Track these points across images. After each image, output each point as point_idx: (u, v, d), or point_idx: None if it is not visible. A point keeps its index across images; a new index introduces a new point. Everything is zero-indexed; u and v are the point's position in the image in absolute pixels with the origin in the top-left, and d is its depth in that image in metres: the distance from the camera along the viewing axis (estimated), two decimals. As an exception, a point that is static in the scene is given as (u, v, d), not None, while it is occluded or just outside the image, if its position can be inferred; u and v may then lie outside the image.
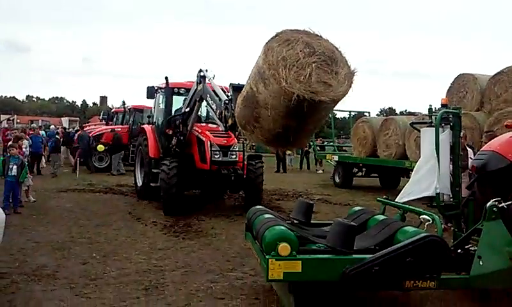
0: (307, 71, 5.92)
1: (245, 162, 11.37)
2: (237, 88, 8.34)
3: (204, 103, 10.99)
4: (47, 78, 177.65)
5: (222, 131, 10.74)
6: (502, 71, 13.01)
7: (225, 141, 11.12)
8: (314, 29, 6.51)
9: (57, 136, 20.58)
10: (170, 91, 12.51)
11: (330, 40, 6.55)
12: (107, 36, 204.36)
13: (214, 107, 9.99)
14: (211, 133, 11.24)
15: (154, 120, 13.39)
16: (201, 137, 11.27)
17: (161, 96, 12.93)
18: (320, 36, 6.47)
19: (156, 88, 13.03)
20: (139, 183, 13.26)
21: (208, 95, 10.27)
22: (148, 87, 12.91)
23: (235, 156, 11.29)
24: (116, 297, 5.40)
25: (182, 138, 11.58)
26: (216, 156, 10.88)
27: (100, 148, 20.06)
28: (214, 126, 11.60)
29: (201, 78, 10.67)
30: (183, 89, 12.43)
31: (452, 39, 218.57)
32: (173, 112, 12.37)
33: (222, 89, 10.00)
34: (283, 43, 6.11)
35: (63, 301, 5.22)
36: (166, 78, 12.37)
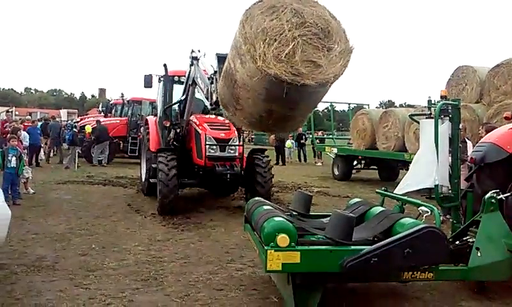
0: (290, 48, 5.20)
1: (244, 157, 10.43)
2: (223, 58, 7.04)
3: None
4: (46, 70, 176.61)
5: (221, 123, 10.21)
6: (502, 63, 12.98)
7: (223, 134, 10.10)
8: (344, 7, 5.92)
9: (74, 129, 20.48)
10: (170, 79, 11.63)
11: (328, 8, 5.75)
12: (105, 26, 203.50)
13: (202, 86, 9.07)
14: (209, 125, 10.27)
15: (157, 111, 12.53)
16: (198, 129, 10.30)
17: (162, 86, 12.04)
18: (316, 2, 5.72)
19: (158, 77, 12.09)
20: (144, 178, 12.26)
21: (198, 76, 9.35)
22: (145, 75, 11.69)
23: (234, 151, 10.14)
24: (115, 288, 5.42)
25: (178, 130, 10.82)
26: (211, 151, 9.88)
27: (88, 128, 21.21)
28: (214, 117, 10.86)
29: (193, 59, 9.76)
30: (184, 77, 11.06)
31: (451, 31, 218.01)
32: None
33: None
34: (266, 10, 5.40)
35: (63, 292, 5.23)
36: (165, 65, 11.50)
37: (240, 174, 9.93)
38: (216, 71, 7.83)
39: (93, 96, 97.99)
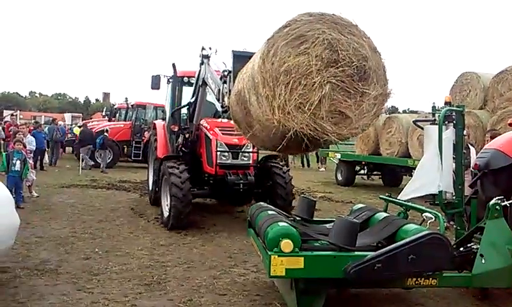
0: (317, 96, 4.44)
1: (258, 165, 9.60)
2: (239, 57, 6.43)
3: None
4: (50, 74, 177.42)
5: (234, 128, 8.97)
6: (506, 69, 12.98)
7: (236, 140, 9.02)
8: (348, 13, 4.93)
9: (106, 134, 20.57)
10: (178, 80, 10.62)
11: (368, 34, 4.83)
12: (109, 31, 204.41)
13: (213, 87, 7.96)
14: (220, 130, 9.28)
15: (166, 115, 11.59)
16: (209, 134, 9.39)
17: (170, 87, 11.07)
18: (356, 27, 4.78)
19: (166, 78, 11.16)
20: (151, 186, 11.46)
21: (209, 76, 8.33)
22: (152, 76, 10.78)
23: (247, 158, 9.19)
24: (118, 292, 5.42)
25: (187, 135, 9.85)
26: (223, 158, 9.00)
27: (76, 130, 22.24)
28: (226, 121, 9.66)
29: (204, 57, 8.83)
30: (194, 78, 9.96)
31: (455, 37, 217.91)
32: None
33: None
34: (293, 40, 4.54)
35: (66, 296, 5.23)
36: (174, 65, 10.58)
37: (255, 183, 9.02)
38: (230, 71, 6.81)
39: (97, 100, 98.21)
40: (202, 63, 8.89)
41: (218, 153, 8.99)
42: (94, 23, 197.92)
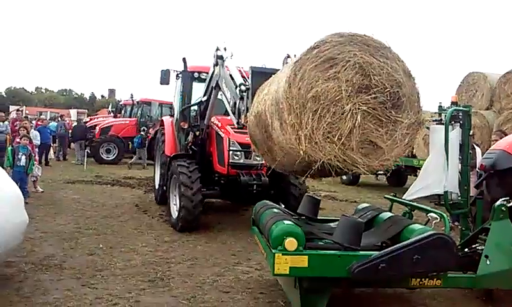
0: (348, 126, 4.14)
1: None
2: (259, 73, 6.26)
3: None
4: (56, 69, 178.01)
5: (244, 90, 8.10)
6: (513, 70, 12.93)
7: (249, 139, 8.74)
8: (380, 32, 4.74)
9: (142, 133, 20.60)
10: (189, 76, 10.17)
11: (402, 57, 4.49)
12: (115, 27, 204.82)
13: (228, 95, 7.65)
14: (233, 128, 8.72)
15: (174, 112, 11.20)
16: (220, 132, 9.03)
17: (180, 83, 10.63)
18: (389, 49, 4.46)
19: (176, 73, 10.74)
20: (157, 184, 11.19)
21: (223, 81, 7.93)
22: (162, 70, 10.35)
23: (260, 158, 8.29)
24: (122, 288, 5.43)
25: (198, 133, 9.52)
26: (235, 157, 8.65)
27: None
28: None
29: (218, 58, 8.33)
30: (205, 74, 9.65)
31: (462, 37, 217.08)
32: (193, 102, 10.15)
33: (242, 73, 7.68)
34: (321, 63, 4.24)
35: (70, 291, 5.25)
36: (184, 59, 10.12)
37: (268, 184, 8.58)
38: (248, 88, 6.50)
39: (102, 96, 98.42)
40: (216, 64, 8.46)
41: (230, 152, 8.64)
42: (100, 19, 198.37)
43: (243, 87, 6.72)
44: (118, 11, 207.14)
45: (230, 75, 7.67)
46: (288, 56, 8.24)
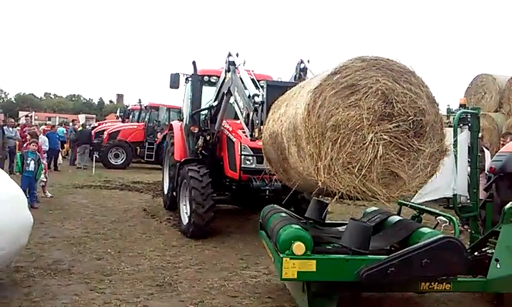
0: (369, 157, 4.02)
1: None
2: (273, 87, 6.14)
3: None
4: (65, 75, 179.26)
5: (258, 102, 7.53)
6: (522, 72, 12.83)
7: (261, 143, 8.66)
8: (404, 57, 4.32)
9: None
10: (199, 79, 9.98)
11: (427, 82, 4.33)
12: (123, 33, 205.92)
13: (240, 104, 7.34)
14: (244, 132, 8.21)
15: (183, 116, 11.00)
16: (232, 137, 8.85)
17: (189, 87, 10.41)
18: (413, 74, 4.29)
19: (186, 77, 10.62)
20: (166, 190, 11.05)
21: (236, 89, 7.62)
22: (171, 74, 10.25)
23: None
24: (130, 293, 5.43)
25: (208, 137, 9.37)
26: (247, 162, 8.42)
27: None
28: None
29: (230, 64, 8.11)
30: (215, 78, 9.54)
31: (471, 38, 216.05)
32: (203, 106, 9.91)
33: (254, 81, 7.43)
34: (342, 90, 4.09)
35: (78, 296, 5.26)
36: (194, 63, 9.95)
37: (282, 190, 8.02)
38: (263, 102, 6.28)
39: (111, 101, 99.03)
40: (228, 70, 8.19)
41: (242, 156, 8.42)
42: (108, 24, 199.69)
43: (257, 99, 6.47)
44: (126, 17, 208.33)
45: (243, 83, 7.44)
46: (302, 61, 8.18)
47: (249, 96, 6.91)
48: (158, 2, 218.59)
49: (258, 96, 6.51)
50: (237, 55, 8.17)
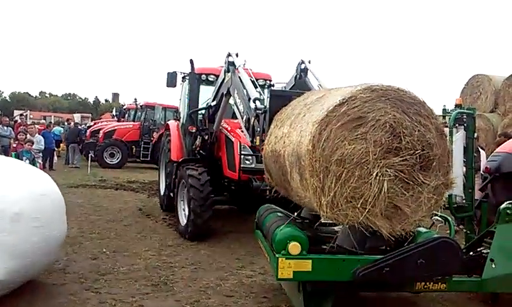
0: (373, 193, 3.98)
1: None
2: (277, 96, 5.99)
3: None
4: (60, 74, 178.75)
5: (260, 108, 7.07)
6: (517, 72, 12.89)
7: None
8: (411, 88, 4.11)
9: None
10: (196, 78, 9.78)
11: (435, 111, 4.30)
12: (119, 31, 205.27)
13: (240, 107, 7.21)
14: (243, 131, 7.97)
15: (180, 116, 10.87)
16: (231, 136, 8.71)
17: (187, 86, 10.21)
18: (423, 105, 4.22)
19: (183, 75, 10.40)
20: (162, 191, 10.83)
21: (236, 91, 7.48)
22: (168, 72, 10.08)
23: None
24: (125, 293, 5.42)
25: (206, 137, 9.23)
26: (247, 162, 8.20)
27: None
28: None
29: (230, 64, 7.92)
30: (213, 76, 9.52)
31: (466, 39, 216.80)
32: (200, 106, 9.72)
33: (253, 82, 7.31)
34: (349, 122, 4.00)
35: (73, 295, 5.24)
36: (191, 61, 9.72)
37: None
38: (265, 110, 6.10)
39: (106, 100, 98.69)
40: (228, 71, 8.02)
41: (241, 156, 8.20)
42: (104, 23, 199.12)
43: (258, 105, 6.30)
44: (121, 15, 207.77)
45: (243, 85, 7.23)
46: (303, 62, 8.12)
47: (249, 98, 6.76)
48: (154, 0, 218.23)
49: (259, 101, 6.39)
50: (237, 55, 8.00)
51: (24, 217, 4.78)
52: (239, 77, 7.41)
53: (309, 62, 8.13)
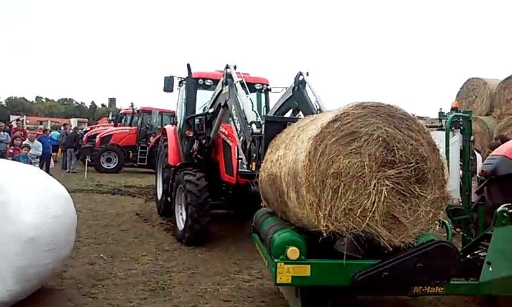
0: (371, 201, 4.05)
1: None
2: (272, 123, 6.07)
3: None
4: (57, 79, 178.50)
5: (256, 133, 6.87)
6: (513, 75, 12.95)
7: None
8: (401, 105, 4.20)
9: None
10: (193, 82, 9.75)
11: (426, 128, 4.40)
12: (116, 36, 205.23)
13: (238, 126, 7.21)
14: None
15: (177, 120, 10.84)
16: (228, 140, 8.66)
17: (184, 90, 10.26)
18: (413, 120, 4.32)
19: (179, 80, 10.34)
20: (159, 195, 10.87)
21: (233, 106, 7.49)
22: (165, 77, 9.94)
23: None
24: (123, 298, 5.41)
25: (204, 141, 9.17)
26: (244, 166, 7.88)
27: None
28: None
29: (228, 77, 7.91)
30: (210, 81, 9.63)
31: (462, 43, 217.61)
32: (197, 110, 9.74)
33: (250, 86, 7.24)
34: (343, 138, 4.10)
35: (71, 301, 5.23)
36: (188, 65, 9.67)
37: None
38: (261, 137, 6.14)
39: (103, 105, 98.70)
40: (226, 83, 7.96)
41: (239, 160, 8.01)
42: (100, 28, 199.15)
43: (255, 129, 6.35)
44: (119, 19, 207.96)
45: (241, 105, 7.21)
46: (301, 74, 8.11)
47: (245, 117, 6.83)
48: (151, 5, 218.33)
49: (255, 124, 6.44)
50: (235, 67, 7.99)
51: (38, 241, 4.74)
52: (237, 96, 7.39)
53: (307, 74, 8.09)
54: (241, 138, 7.01)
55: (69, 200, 5.64)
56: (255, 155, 6.28)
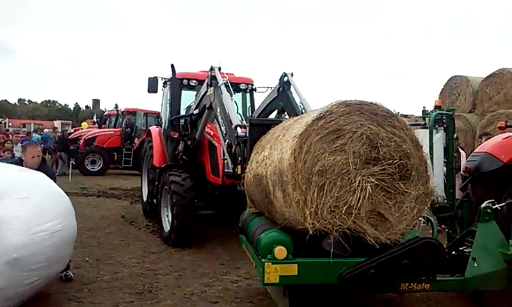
0: (356, 197, 4.11)
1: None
2: (257, 125, 6.13)
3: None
4: (39, 81, 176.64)
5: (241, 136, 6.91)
6: (494, 73, 13.11)
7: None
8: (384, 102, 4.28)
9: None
10: (178, 83, 9.71)
11: (408, 126, 4.47)
12: (99, 37, 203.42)
13: (223, 128, 7.28)
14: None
15: (162, 121, 10.81)
16: (214, 141, 8.58)
17: (168, 91, 10.15)
18: (396, 117, 4.40)
19: (164, 80, 10.26)
20: (145, 197, 10.79)
21: (218, 108, 7.55)
22: (149, 78, 9.84)
23: None
24: (109, 302, 5.36)
25: (189, 142, 9.10)
26: (230, 166, 7.72)
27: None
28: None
29: (212, 78, 7.93)
30: (194, 81, 9.65)
31: (444, 41, 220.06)
32: (182, 111, 9.76)
33: (235, 86, 7.27)
34: (327, 135, 4.16)
35: (57, 305, 5.17)
36: (172, 66, 9.60)
37: None
38: (246, 140, 6.20)
39: (87, 107, 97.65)
40: (210, 85, 8.00)
41: (225, 161, 7.86)
42: (83, 29, 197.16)
43: (240, 133, 6.44)
44: (101, 20, 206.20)
45: (225, 108, 7.28)
46: (285, 75, 8.12)
47: (230, 121, 6.89)
48: (135, 6, 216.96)
49: (240, 127, 6.49)
50: (220, 69, 7.99)
51: (22, 261, 4.41)
52: (222, 99, 7.42)
53: (291, 75, 8.11)
54: (226, 141, 7.07)
55: (70, 212, 5.50)
56: (240, 158, 6.31)
